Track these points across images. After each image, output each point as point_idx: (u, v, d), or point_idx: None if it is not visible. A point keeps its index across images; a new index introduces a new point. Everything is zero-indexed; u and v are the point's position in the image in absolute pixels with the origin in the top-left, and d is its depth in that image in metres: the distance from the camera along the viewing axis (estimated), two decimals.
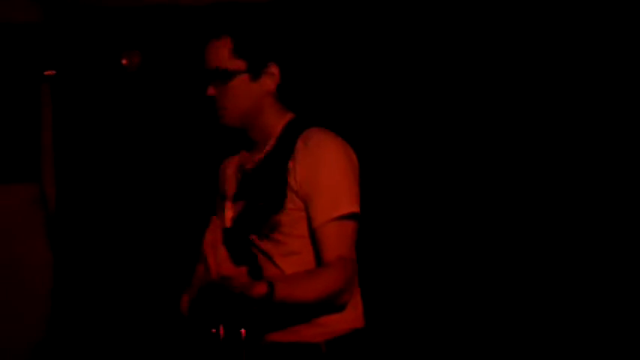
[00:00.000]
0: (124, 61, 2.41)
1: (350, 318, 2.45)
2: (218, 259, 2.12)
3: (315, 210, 2.44)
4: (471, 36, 3.56)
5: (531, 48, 3.53)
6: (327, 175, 2.45)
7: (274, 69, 2.54)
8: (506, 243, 3.47)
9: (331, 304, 2.39)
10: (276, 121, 2.57)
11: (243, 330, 2.30)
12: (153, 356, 3.53)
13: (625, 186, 3.43)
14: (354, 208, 2.43)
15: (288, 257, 2.42)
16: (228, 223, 2.50)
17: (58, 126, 3.56)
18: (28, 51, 3.36)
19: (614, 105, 3.47)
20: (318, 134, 2.50)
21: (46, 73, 2.38)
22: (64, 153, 3.59)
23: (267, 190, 2.45)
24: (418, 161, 3.60)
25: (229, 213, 2.54)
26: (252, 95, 2.52)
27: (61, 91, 3.41)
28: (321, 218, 2.42)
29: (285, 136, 2.54)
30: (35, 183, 3.52)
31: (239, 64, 2.49)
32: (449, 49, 3.58)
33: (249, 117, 2.52)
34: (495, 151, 3.56)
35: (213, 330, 2.33)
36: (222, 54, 2.47)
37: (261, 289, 2.16)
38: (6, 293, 3.49)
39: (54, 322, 3.53)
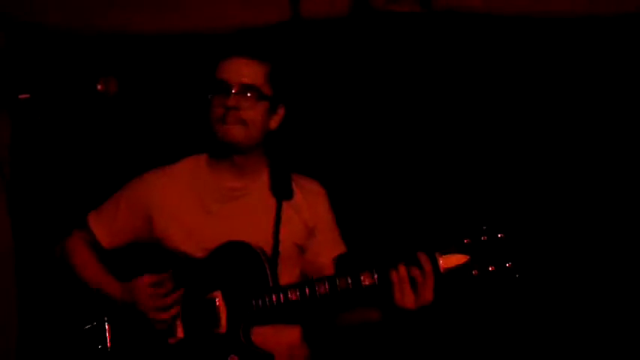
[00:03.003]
0: (99, 87, 2.41)
1: None
2: None
3: (327, 245, 2.73)
4: None
5: None
6: (332, 215, 2.78)
7: (282, 111, 2.70)
8: None
9: None
10: (264, 158, 2.73)
11: None
12: None
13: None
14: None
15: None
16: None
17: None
18: None
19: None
20: (313, 181, 2.81)
21: (20, 96, 2.38)
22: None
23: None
24: None
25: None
26: (263, 125, 2.65)
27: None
28: (334, 252, 2.73)
29: (276, 174, 2.73)
30: None
31: (268, 90, 2.61)
32: None
33: (252, 143, 2.63)
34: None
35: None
36: (259, 73, 2.60)
37: None
38: None
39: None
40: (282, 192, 2.69)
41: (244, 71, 2.58)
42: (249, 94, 2.56)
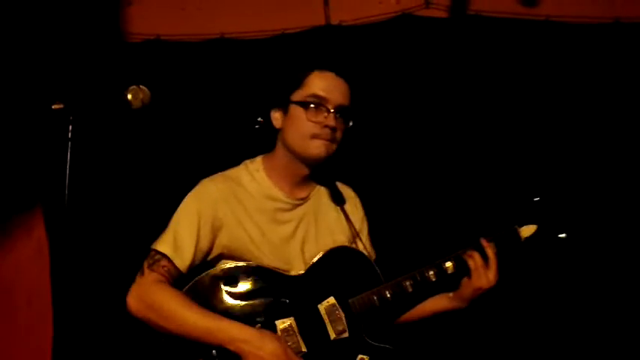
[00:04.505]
0: (128, 97, 2.42)
1: None
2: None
3: (365, 251, 2.69)
4: None
5: None
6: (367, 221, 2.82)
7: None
8: None
9: None
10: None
11: None
12: None
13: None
14: None
15: None
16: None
17: None
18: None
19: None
20: (348, 186, 2.82)
21: (53, 106, 2.40)
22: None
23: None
24: None
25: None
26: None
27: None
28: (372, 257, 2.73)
29: (331, 181, 2.75)
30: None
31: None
32: None
33: None
34: None
35: None
36: (349, 94, 2.59)
37: None
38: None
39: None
40: (338, 198, 2.72)
41: (343, 92, 2.56)
42: (343, 116, 2.56)
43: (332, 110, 2.51)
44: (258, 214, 2.56)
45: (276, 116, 2.62)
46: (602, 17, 3.59)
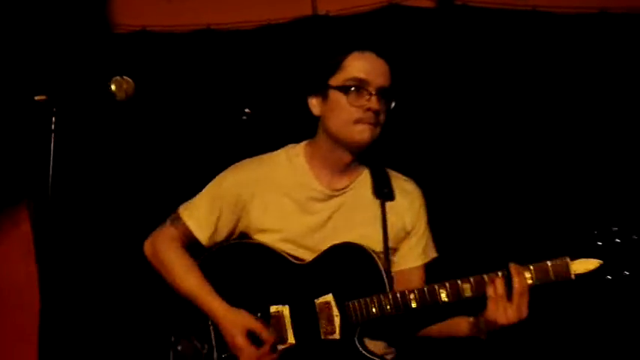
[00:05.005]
0: (112, 88, 2.40)
1: None
2: None
3: (418, 249, 2.56)
4: None
5: None
6: (427, 218, 2.60)
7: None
8: None
9: None
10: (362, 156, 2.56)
11: None
12: None
13: None
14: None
15: None
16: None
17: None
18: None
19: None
20: (409, 180, 2.61)
21: (36, 98, 2.38)
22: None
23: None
24: None
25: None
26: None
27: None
28: (426, 257, 2.57)
29: (377, 174, 2.55)
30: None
31: None
32: None
33: None
34: None
35: None
36: (389, 75, 2.44)
37: None
38: None
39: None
40: (384, 193, 2.52)
41: (384, 72, 2.41)
42: (385, 98, 2.41)
43: (374, 93, 2.37)
44: (287, 199, 2.48)
45: (314, 103, 2.48)
46: (589, 7, 3.59)
